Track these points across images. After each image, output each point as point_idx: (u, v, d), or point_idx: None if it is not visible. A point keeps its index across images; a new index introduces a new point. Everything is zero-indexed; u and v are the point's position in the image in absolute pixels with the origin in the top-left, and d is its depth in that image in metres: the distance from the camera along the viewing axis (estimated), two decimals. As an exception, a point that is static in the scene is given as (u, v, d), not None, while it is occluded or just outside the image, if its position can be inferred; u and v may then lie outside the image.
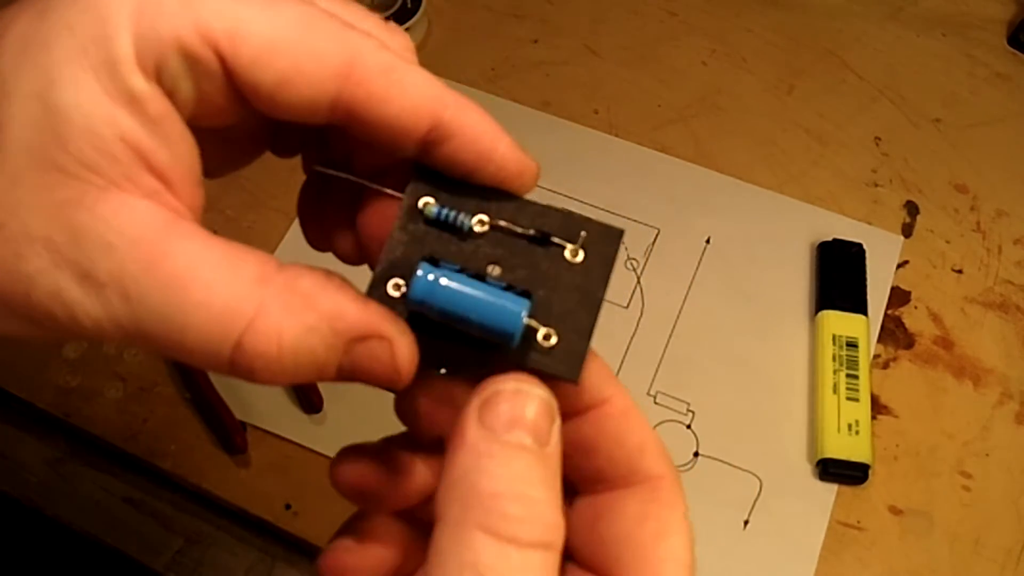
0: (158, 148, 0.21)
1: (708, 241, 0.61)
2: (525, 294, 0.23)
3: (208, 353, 0.20)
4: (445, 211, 0.23)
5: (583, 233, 0.24)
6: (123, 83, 0.20)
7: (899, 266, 0.60)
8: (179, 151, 0.21)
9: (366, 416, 0.53)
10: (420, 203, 0.23)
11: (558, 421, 0.22)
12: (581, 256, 0.24)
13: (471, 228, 0.23)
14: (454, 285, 0.22)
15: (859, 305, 0.56)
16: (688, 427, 0.54)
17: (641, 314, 0.58)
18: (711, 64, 0.69)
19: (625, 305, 0.58)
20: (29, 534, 0.60)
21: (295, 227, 0.60)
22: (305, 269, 0.21)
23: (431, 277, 0.22)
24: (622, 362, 0.56)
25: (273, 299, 0.20)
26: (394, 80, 0.22)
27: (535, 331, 0.23)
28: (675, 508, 0.23)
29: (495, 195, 0.24)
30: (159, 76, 0.20)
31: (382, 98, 0.22)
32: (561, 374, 0.23)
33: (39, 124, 0.20)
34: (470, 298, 0.22)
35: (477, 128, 0.23)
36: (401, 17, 0.67)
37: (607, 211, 0.61)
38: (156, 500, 0.54)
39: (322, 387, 0.54)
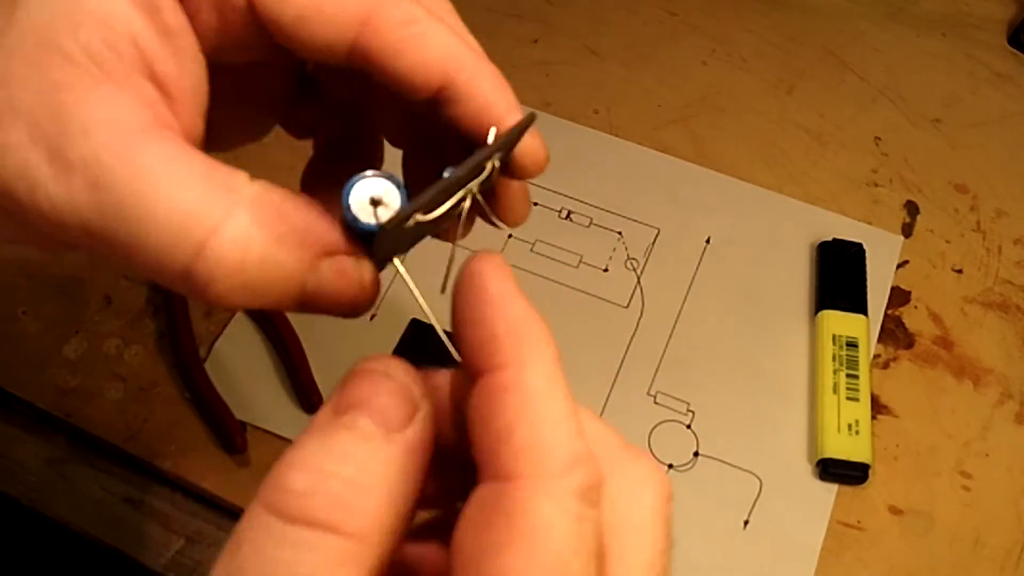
0: (166, 59, 0.21)
1: (708, 241, 0.61)
2: (393, 178, 0.22)
3: (167, 257, 0.19)
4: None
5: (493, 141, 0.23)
6: None
7: (899, 266, 0.60)
8: (187, 69, 0.21)
9: (366, 416, 0.53)
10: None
11: (424, 410, 0.20)
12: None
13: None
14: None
15: (859, 305, 0.56)
16: (688, 427, 0.54)
17: (641, 314, 0.58)
18: (711, 64, 0.69)
19: (625, 305, 0.58)
20: (28, 534, 0.60)
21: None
22: (274, 185, 0.21)
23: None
24: (622, 362, 0.56)
25: (244, 206, 0.20)
26: (412, 34, 0.22)
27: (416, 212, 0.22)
28: (521, 516, 0.18)
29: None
30: None
31: (396, 50, 0.22)
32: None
33: (56, 6, 0.20)
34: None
35: (489, 96, 0.23)
36: (401, 17, 0.67)
37: (607, 211, 0.61)
38: (156, 500, 0.54)
39: (322, 385, 0.54)
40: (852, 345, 0.55)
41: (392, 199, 0.21)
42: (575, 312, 0.58)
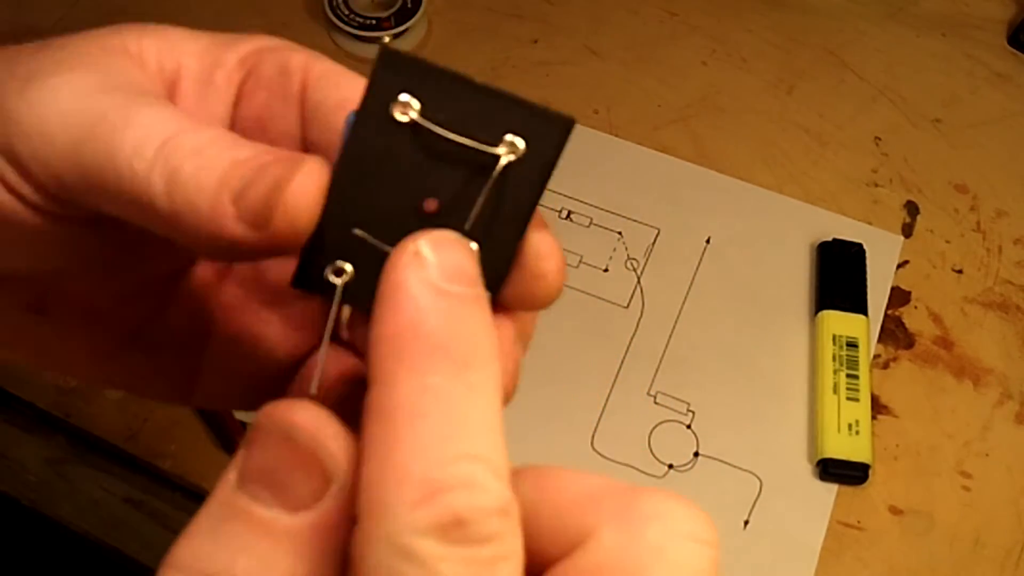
0: None
1: (708, 241, 0.61)
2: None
3: (138, 163, 0.19)
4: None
5: (513, 138, 0.19)
6: None
7: (899, 266, 0.60)
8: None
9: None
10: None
11: (339, 481, 0.16)
12: (513, 158, 0.19)
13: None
14: None
15: (859, 305, 0.56)
16: (688, 427, 0.54)
17: (641, 314, 0.58)
18: (711, 64, 0.69)
19: (625, 305, 0.58)
20: (28, 534, 0.60)
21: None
22: None
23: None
24: (622, 362, 0.56)
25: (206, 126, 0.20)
26: None
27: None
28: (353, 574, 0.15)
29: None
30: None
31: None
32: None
33: None
34: None
35: None
36: (401, 17, 0.67)
37: (607, 211, 0.61)
38: (156, 500, 0.54)
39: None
40: (852, 345, 0.55)
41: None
42: (575, 312, 0.58)
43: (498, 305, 0.21)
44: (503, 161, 0.19)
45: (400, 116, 0.19)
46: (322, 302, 0.23)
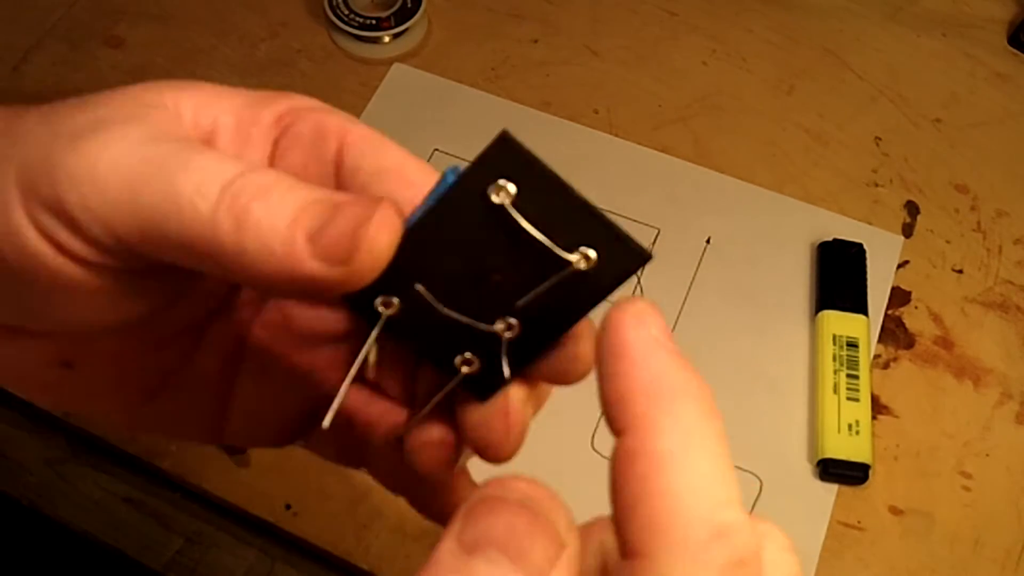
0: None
1: (708, 241, 0.61)
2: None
3: (200, 208, 0.19)
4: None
5: (592, 252, 0.21)
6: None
7: (899, 266, 0.60)
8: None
9: (366, 416, 0.53)
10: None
11: (570, 548, 0.17)
12: (584, 267, 0.21)
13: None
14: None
15: (859, 305, 0.56)
16: (688, 427, 0.54)
17: (641, 314, 0.58)
18: (711, 64, 0.69)
19: (625, 305, 0.58)
20: (28, 534, 0.60)
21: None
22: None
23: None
24: (622, 362, 0.56)
25: (259, 166, 0.21)
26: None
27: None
28: None
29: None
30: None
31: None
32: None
33: None
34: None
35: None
36: (401, 17, 0.67)
37: (607, 211, 0.61)
38: (156, 500, 0.54)
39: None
40: (852, 345, 0.55)
41: None
42: (575, 312, 0.58)
43: (526, 376, 0.23)
44: (573, 267, 0.20)
45: (494, 197, 0.20)
46: (353, 340, 0.25)
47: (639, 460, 0.16)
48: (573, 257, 0.20)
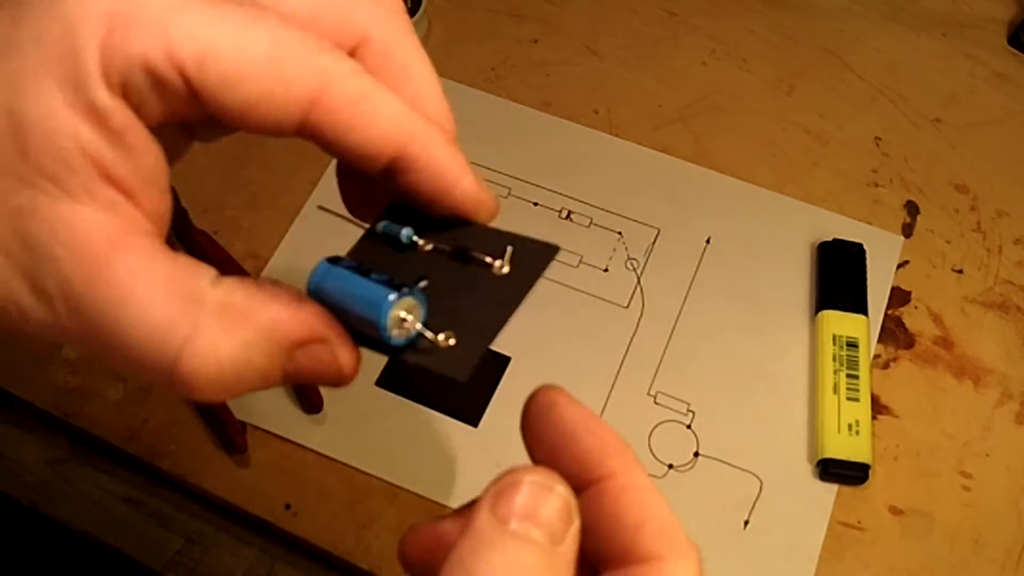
0: (119, 160, 0.21)
1: (708, 241, 0.61)
2: (421, 293, 0.23)
3: (150, 371, 0.20)
4: (389, 225, 0.24)
5: (510, 248, 0.23)
6: (87, 96, 0.20)
7: (899, 266, 0.60)
8: (142, 162, 0.21)
9: (366, 416, 0.53)
10: (379, 226, 0.25)
11: (576, 523, 0.21)
12: (507, 270, 0.23)
13: (411, 241, 0.24)
14: (337, 279, 0.22)
15: (859, 305, 0.56)
16: (688, 427, 0.54)
17: (641, 314, 0.58)
18: (711, 64, 0.69)
19: (625, 305, 0.58)
20: (29, 534, 0.60)
21: (295, 227, 0.60)
22: (239, 282, 0.21)
23: (323, 270, 0.22)
24: (622, 362, 0.56)
25: (208, 317, 0.21)
26: (362, 111, 0.22)
27: (430, 334, 0.22)
28: None
29: (457, 224, 0.24)
30: (125, 90, 0.20)
31: (348, 127, 0.22)
32: (446, 372, 0.22)
33: (2, 132, 0.20)
34: (348, 290, 0.22)
35: (442, 164, 0.23)
36: (401, 17, 0.67)
37: (607, 211, 0.61)
38: (156, 500, 0.54)
39: (322, 387, 0.54)
40: (852, 345, 0.55)
41: (416, 314, 0.23)
42: (575, 312, 0.58)
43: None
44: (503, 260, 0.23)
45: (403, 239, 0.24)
46: None
47: (634, 492, 0.22)
48: (497, 263, 0.23)
